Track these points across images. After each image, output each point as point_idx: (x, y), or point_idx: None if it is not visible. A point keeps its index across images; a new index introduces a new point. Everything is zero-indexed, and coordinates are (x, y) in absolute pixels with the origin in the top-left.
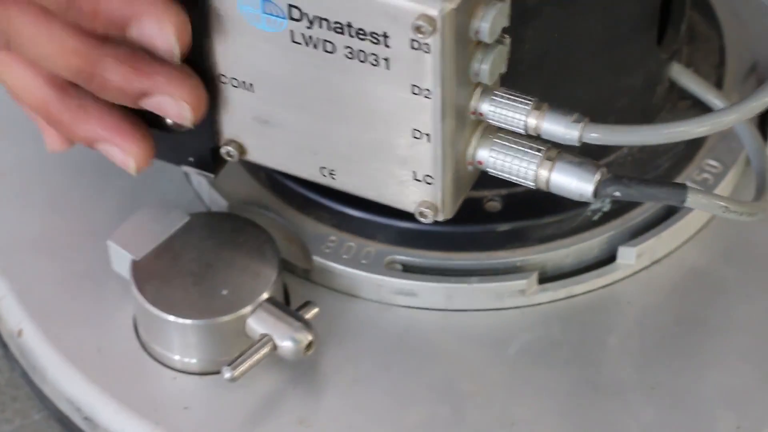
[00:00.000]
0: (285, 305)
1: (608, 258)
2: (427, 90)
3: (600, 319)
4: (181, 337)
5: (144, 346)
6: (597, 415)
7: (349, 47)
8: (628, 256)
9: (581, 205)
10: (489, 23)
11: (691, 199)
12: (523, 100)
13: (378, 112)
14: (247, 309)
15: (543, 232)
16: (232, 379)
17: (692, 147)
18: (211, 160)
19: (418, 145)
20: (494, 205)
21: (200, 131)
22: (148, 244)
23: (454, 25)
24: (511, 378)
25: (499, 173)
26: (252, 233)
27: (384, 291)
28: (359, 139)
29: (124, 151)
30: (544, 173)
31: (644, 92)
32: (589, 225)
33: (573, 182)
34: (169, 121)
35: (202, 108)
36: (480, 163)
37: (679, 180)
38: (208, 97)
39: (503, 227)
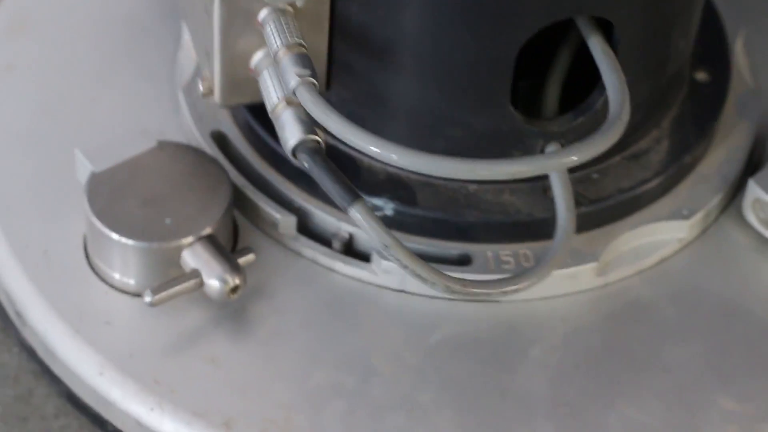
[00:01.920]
0: (222, 246)
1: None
2: None
3: (530, 328)
4: (120, 256)
5: (89, 260)
6: (496, 419)
7: None
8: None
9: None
10: None
11: (354, 212)
12: (287, 34)
13: None
14: (184, 241)
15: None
16: (151, 304)
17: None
18: None
19: (208, 22)
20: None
21: None
22: (110, 159)
23: None
24: (424, 364)
25: (261, 89)
26: (212, 171)
27: (323, 257)
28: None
29: None
30: (279, 108)
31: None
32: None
33: (287, 130)
34: None
35: None
36: (251, 70)
37: None
38: None
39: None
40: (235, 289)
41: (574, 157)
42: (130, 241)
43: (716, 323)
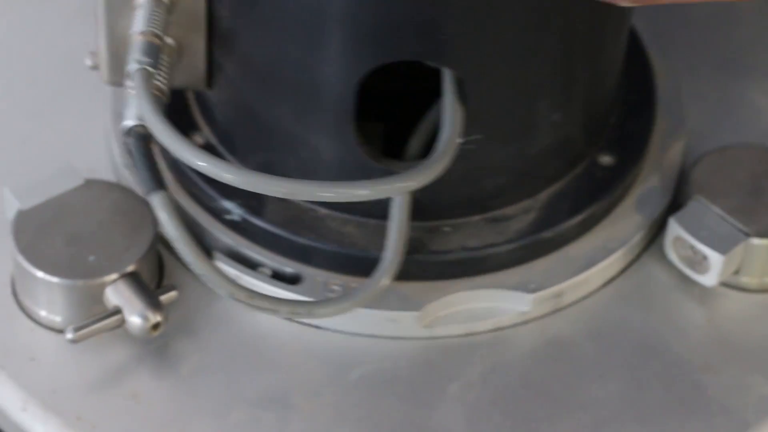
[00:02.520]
0: (144, 283)
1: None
2: None
3: (448, 364)
4: (46, 293)
5: (16, 297)
6: None
7: None
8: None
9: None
10: None
11: (152, 200)
12: (148, 22)
13: None
14: (107, 278)
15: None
16: (73, 341)
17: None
18: None
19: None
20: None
21: None
22: (37, 197)
23: None
24: (343, 401)
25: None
26: (138, 209)
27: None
28: None
29: None
30: (129, 88)
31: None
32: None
33: (127, 110)
34: None
35: None
36: None
37: None
38: None
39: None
40: (156, 326)
41: (412, 182)
42: (54, 279)
43: (635, 360)
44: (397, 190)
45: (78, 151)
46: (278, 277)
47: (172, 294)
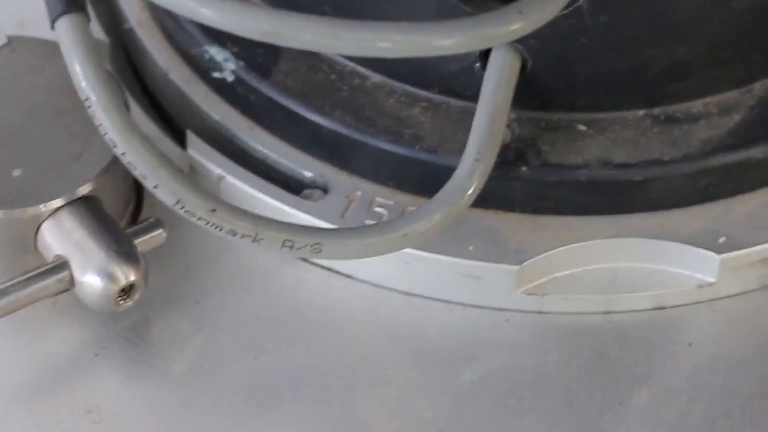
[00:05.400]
0: (108, 218)
1: None
2: None
3: (561, 361)
4: None
5: None
6: None
7: None
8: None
9: None
10: None
11: (61, 29)
12: None
13: None
14: (44, 207)
15: None
16: None
17: None
18: None
19: None
20: None
21: None
22: None
23: None
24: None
25: None
26: None
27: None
28: None
29: None
30: None
31: None
32: None
33: None
34: None
35: None
36: None
37: None
38: None
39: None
40: (127, 291)
41: (518, 22)
42: None
43: None
44: (493, 38)
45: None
46: (289, 185)
47: (158, 234)
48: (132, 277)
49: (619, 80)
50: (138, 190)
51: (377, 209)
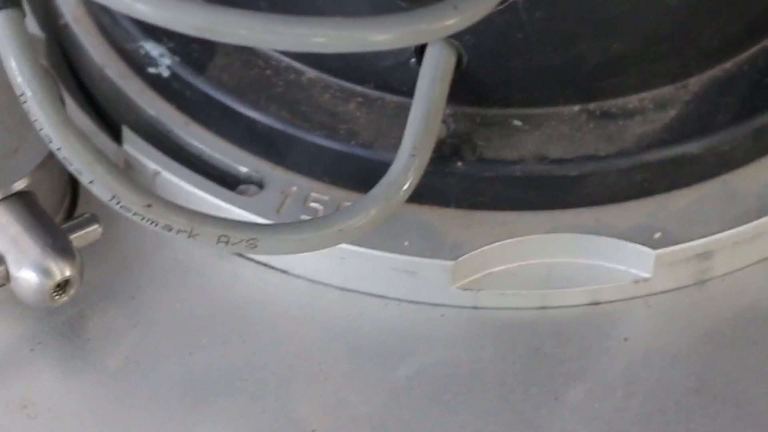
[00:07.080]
0: (43, 213)
1: None
2: None
3: (496, 356)
4: None
5: None
6: None
7: None
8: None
9: None
10: None
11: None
12: None
13: None
14: None
15: None
16: None
17: None
18: None
19: None
20: None
21: None
22: None
23: None
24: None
25: None
26: None
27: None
28: None
29: None
30: None
31: None
32: None
33: None
34: None
35: None
36: None
37: None
38: None
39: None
40: (63, 287)
41: (453, 18)
42: None
43: None
44: (428, 33)
45: None
46: (225, 181)
47: (93, 230)
48: (67, 273)
49: (554, 75)
50: (73, 185)
51: (313, 204)
